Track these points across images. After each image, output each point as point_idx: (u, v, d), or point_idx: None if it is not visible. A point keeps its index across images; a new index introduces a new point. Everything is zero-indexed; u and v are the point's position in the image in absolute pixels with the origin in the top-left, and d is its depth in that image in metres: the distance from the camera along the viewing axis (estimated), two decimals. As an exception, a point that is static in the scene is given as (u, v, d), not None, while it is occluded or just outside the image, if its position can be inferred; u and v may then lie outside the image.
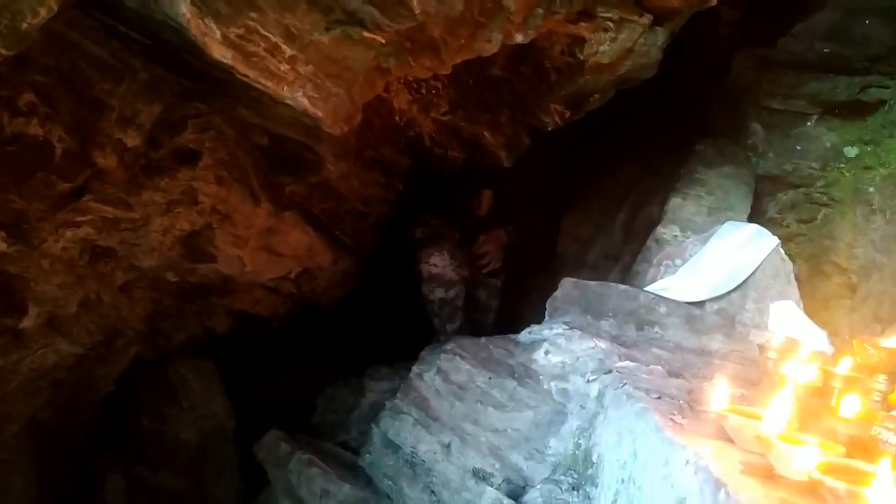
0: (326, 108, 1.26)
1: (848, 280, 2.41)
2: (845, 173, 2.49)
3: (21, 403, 1.82)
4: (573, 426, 1.45)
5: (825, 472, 0.76)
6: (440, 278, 2.47)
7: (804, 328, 2.26)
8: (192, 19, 1.00)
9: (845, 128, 2.45)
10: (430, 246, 2.51)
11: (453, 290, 2.49)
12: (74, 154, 1.53)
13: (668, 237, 2.77)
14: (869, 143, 2.38)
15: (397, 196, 2.54)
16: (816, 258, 2.62)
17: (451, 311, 2.51)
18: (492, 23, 1.36)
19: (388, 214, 2.59)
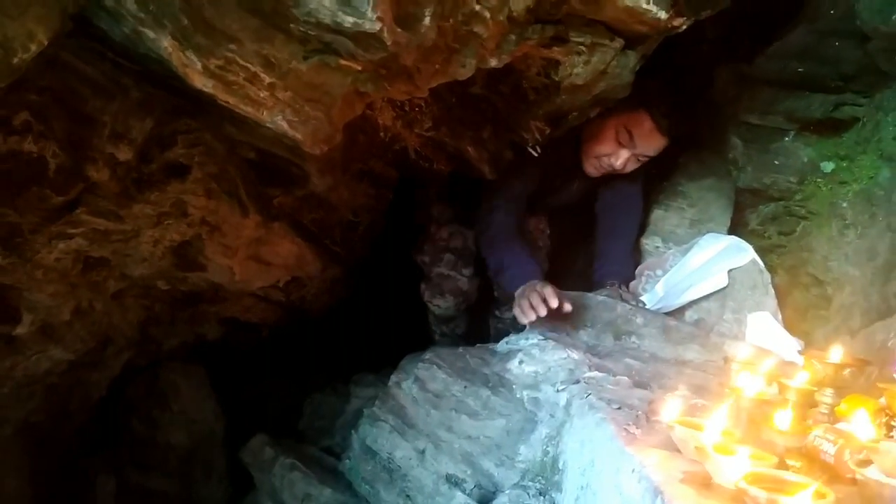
0: (306, 131, 1.32)
1: (824, 291, 2.47)
2: (822, 187, 2.55)
3: (15, 407, 1.88)
4: (542, 434, 1.51)
5: (751, 481, 0.82)
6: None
7: (779, 338, 2.33)
8: (174, 52, 1.06)
9: (821, 143, 2.51)
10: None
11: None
12: (68, 169, 1.58)
13: (651, 248, 2.84)
14: (844, 159, 2.43)
15: (386, 205, 2.61)
16: (796, 269, 2.68)
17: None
18: (465, 49, 1.42)
19: (377, 222, 2.65)
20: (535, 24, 1.52)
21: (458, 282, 2.58)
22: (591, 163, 2.52)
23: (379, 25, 1.11)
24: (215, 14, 1.04)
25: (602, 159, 2.47)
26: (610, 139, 2.41)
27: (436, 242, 2.64)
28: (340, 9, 1.09)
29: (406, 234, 2.75)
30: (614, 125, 2.39)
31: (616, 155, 2.43)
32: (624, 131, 2.38)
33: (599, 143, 2.44)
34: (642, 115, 2.35)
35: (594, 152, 2.47)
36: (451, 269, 2.59)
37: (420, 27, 1.26)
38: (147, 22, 1.02)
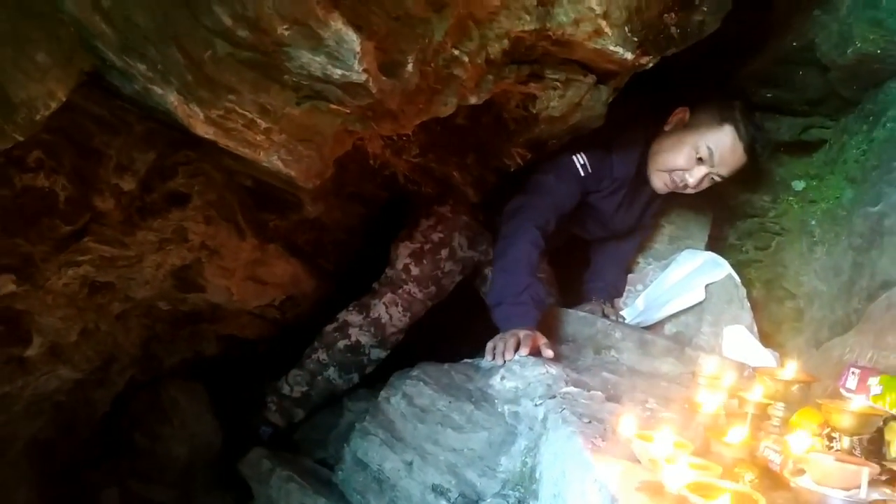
0: (299, 168, 1.43)
1: (797, 305, 2.58)
2: (794, 205, 2.67)
3: (25, 424, 1.97)
4: (521, 446, 1.61)
5: (692, 489, 0.93)
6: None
7: (754, 351, 2.44)
8: (179, 106, 1.16)
9: (793, 163, 2.64)
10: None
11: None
12: (76, 200, 1.68)
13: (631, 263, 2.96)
14: (814, 178, 2.55)
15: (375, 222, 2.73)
16: (771, 283, 2.80)
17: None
18: (447, 89, 1.53)
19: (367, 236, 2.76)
20: (512, 64, 1.63)
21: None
22: (661, 177, 2.45)
23: (365, 77, 1.23)
24: (216, 70, 1.15)
25: (675, 174, 2.40)
26: (688, 154, 2.35)
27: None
28: (329, 62, 1.21)
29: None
30: (694, 140, 2.35)
31: (692, 172, 2.37)
32: (705, 147, 2.32)
33: (676, 157, 2.37)
34: (727, 131, 2.31)
35: (668, 165, 2.40)
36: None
37: (404, 73, 1.37)
38: (155, 80, 1.12)
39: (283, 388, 2.45)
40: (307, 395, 2.43)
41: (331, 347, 2.43)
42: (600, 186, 2.43)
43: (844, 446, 1.16)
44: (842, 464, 1.00)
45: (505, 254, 2.16)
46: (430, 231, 2.49)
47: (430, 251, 2.46)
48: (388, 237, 2.68)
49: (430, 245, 2.47)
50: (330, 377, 2.42)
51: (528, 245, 2.14)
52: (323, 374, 2.42)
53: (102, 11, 1.01)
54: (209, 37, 1.12)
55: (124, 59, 1.08)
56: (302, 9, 1.12)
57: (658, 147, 2.43)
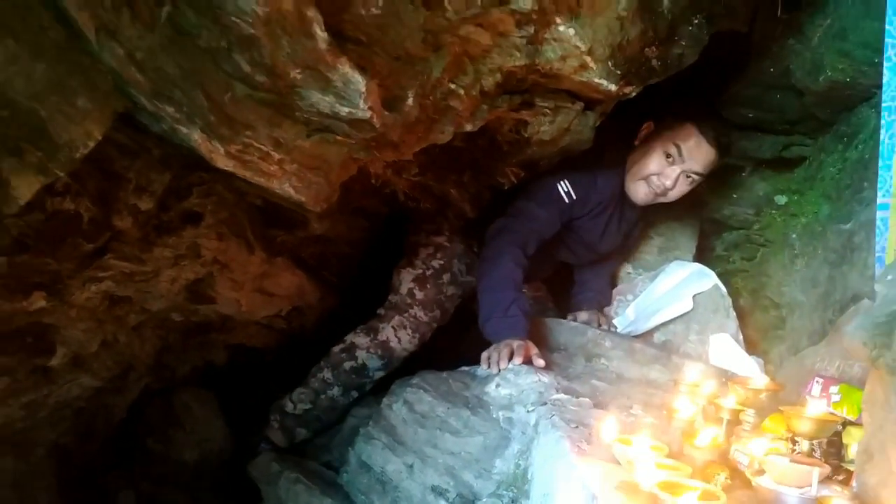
0: (309, 194, 1.55)
1: (780, 314, 2.70)
2: (776, 218, 2.80)
3: (48, 430, 2.09)
4: (515, 449, 1.73)
5: (662, 487, 1.05)
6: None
7: (738, 358, 2.56)
8: (203, 143, 1.29)
9: (775, 178, 2.76)
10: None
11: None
12: (98, 220, 1.79)
13: (622, 273, 3.08)
14: (795, 193, 2.67)
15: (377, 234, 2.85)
16: (756, 293, 2.92)
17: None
18: (444, 119, 1.65)
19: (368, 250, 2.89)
20: (504, 94, 1.76)
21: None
22: (640, 186, 2.50)
23: (370, 114, 1.35)
24: (235, 109, 1.28)
25: (651, 180, 2.46)
26: (658, 157, 2.43)
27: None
28: (337, 101, 1.33)
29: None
30: (661, 143, 2.43)
31: (665, 174, 2.44)
32: (672, 146, 2.40)
33: (648, 163, 2.44)
34: (688, 128, 2.39)
35: (643, 173, 2.46)
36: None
37: (404, 107, 1.50)
38: (182, 121, 1.25)
39: (287, 405, 2.53)
40: (309, 412, 2.50)
41: (337, 367, 2.50)
42: (585, 210, 2.51)
43: (804, 449, 1.28)
44: (795, 464, 1.12)
45: (489, 274, 2.24)
46: (430, 258, 2.59)
47: (433, 276, 2.56)
48: (389, 248, 2.80)
49: (431, 271, 2.57)
50: (333, 395, 2.50)
51: (510, 263, 2.23)
52: (327, 392, 2.50)
53: (136, 62, 1.13)
54: (229, 81, 1.24)
55: (154, 103, 1.20)
56: (313, 55, 1.24)
57: (632, 161, 2.52)
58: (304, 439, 2.51)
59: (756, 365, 2.47)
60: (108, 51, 1.08)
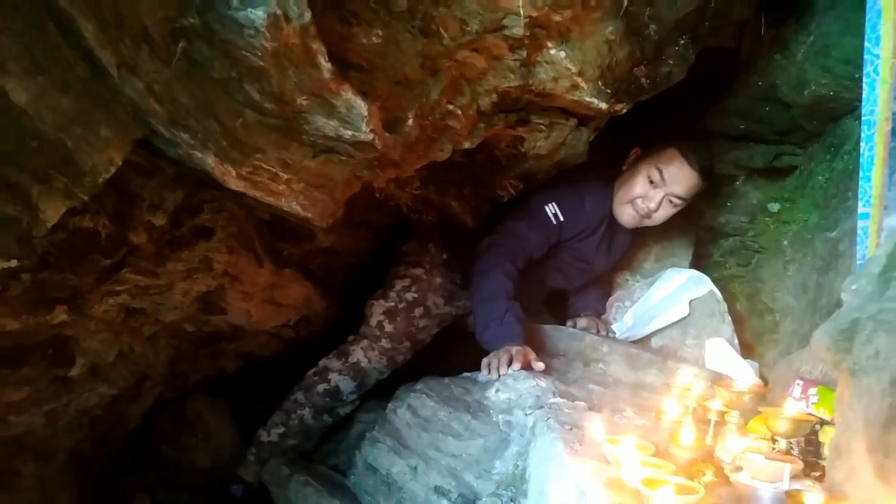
0: (315, 210, 1.64)
1: (774, 318, 2.77)
2: (770, 226, 2.87)
3: (67, 436, 2.18)
4: (513, 451, 1.81)
5: (645, 483, 1.13)
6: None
7: (733, 362, 2.62)
8: (216, 166, 1.37)
9: (768, 187, 2.83)
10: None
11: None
12: (115, 237, 1.87)
13: (620, 280, 3.16)
14: (787, 201, 2.75)
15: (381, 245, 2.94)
16: (752, 297, 2.99)
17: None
18: (443, 137, 1.74)
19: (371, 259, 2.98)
20: (501, 113, 1.85)
21: None
22: (626, 209, 2.57)
23: (372, 136, 1.44)
24: (246, 135, 1.37)
25: (637, 203, 2.52)
26: (642, 181, 2.49)
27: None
28: (341, 125, 1.42)
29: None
30: (645, 167, 2.49)
31: (648, 197, 2.50)
32: (654, 170, 2.46)
33: (632, 187, 2.51)
34: (671, 152, 2.46)
35: (628, 196, 2.53)
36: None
37: (405, 128, 1.58)
38: (196, 146, 1.34)
39: (262, 435, 2.57)
40: (284, 436, 2.54)
41: (309, 390, 2.56)
42: (575, 232, 2.58)
43: (782, 447, 1.36)
44: (769, 461, 1.20)
45: (482, 286, 2.31)
46: (405, 291, 2.66)
47: (404, 310, 2.63)
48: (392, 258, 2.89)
49: (404, 304, 2.64)
50: (304, 416, 2.54)
51: (501, 276, 2.30)
52: (297, 412, 2.55)
53: (154, 94, 1.22)
54: (240, 108, 1.33)
55: (171, 131, 1.29)
56: (318, 83, 1.33)
57: (619, 184, 2.58)
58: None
59: (751, 368, 2.54)
60: (129, 85, 1.17)
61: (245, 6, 1.13)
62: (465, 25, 1.48)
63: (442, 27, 1.45)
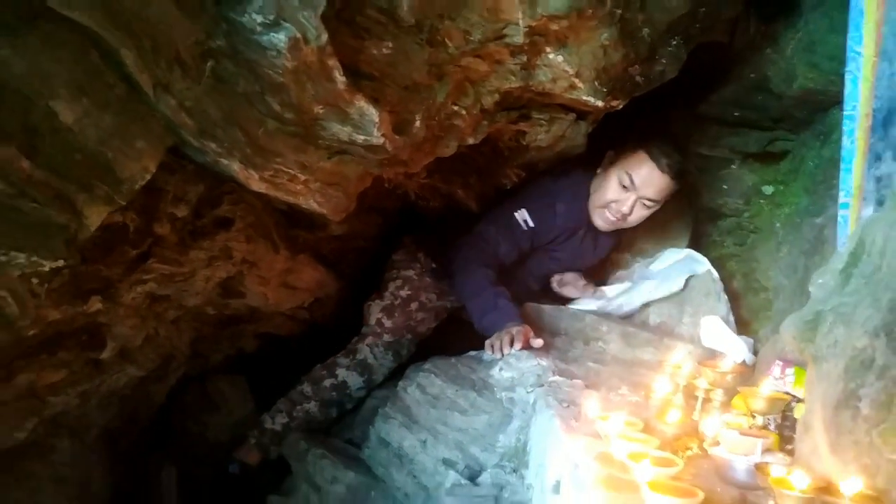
0: (330, 206, 1.76)
1: (768, 296, 2.88)
2: (764, 207, 2.97)
3: (98, 416, 2.31)
4: (516, 426, 1.95)
5: (630, 457, 1.27)
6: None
7: (728, 338, 2.74)
8: (241, 171, 1.50)
9: (763, 170, 2.93)
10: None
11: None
12: (141, 229, 1.99)
13: (619, 260, 3.27)
14: (780, 184, 2.85)
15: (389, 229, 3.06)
16: (748, 276, 3.09)
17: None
18: (448, 135, 1.85)
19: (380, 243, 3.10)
20: (503, 111, 1.96)
21: None
22: (601, 214, 2.62)
23: (383, 140, 1.56)
24: (268, 141, 1.49)
25: (609, 208, 2.57)
26: (614, 185, 2.52)
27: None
28: (354, 131, 1.54)
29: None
30: (616, 171, 2.52)
31: (621, 201, 2.53)
32: (625, 175, 2.49)
33: (605, 191, 2.54)
34: (641, 156, 2.49)
35: (602, 201, 2.57)
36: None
37: (412, 129, 1.70)
38: (223, 154, 1.46)
39: (266, 421, 2.62)
40: (287, 426, 2.59)
41: (317, 383, 2.64)
42: (550, 237, 2.66)
43: (758, 424, 1.49)
44: (743, 436, 1.33)
45: (466, 284, 2.45)
46: (398, 290, 2.77)
47: (400, 305, 2.75)
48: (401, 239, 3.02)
49: (399, 300, 2.75)
50: (309, 410, 2.60)
51: (480, 269, 2.43)
52: (303, 405, 2.61)
53: (186, 109, 1.34)
54: (262, 118, 1.46)
55: (200, 141, 1.42)
56: (333, 94, 1.45)
57: (594, 188, 2.63)
58: (278, 456, 2.59)
59: (745, 345, 2.64)
60: (163, 102, 1.29)
61: (268, 31, 1.25)
62: (469, 35, 1.59)
63: (447, 38, 1.56)
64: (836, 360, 1.09)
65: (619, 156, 2.56)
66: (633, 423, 1.47)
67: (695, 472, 1.33)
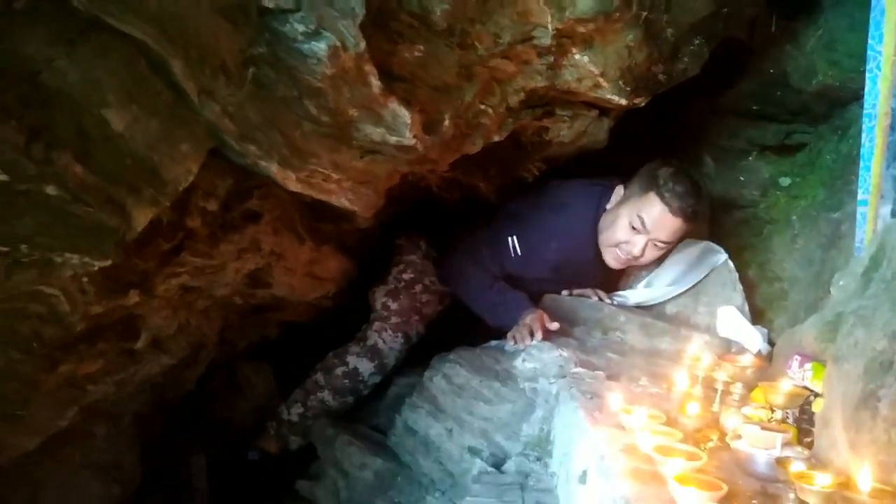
0: (360, 203, 1.82)
1: (783, 287, 2.92)
2: (781, 199, 3.00)
3: (132, 401, 2.39)
4: (539, 415, 2.01)
5: (656, 450, 1.32)
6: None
7: (743, 328, 2.78)
8: (279, 172, 1.55)
9: (780, 162, 2.96)
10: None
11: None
12: (174, 222, 2.06)
13: (637, 251, 3.31)
14: (797, 176, 2.88)
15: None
16: (763, 266, 3.13)
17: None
18: (475, 133, 1.90)
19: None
20: (528, 108, 2.01)
21: None
22: (611, 252, 2.57)
23: (414, 141, 1.61)
24: (305, 143, 1.54)
25: (620, 248, 2.52)
26: (624, 226, 2.45)
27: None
28: (387, 132, 1.59)
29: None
30: (627, 212, 2.45)
31: (632, 242, 2.47)
32: (636, 217, 2.41)
33: (615, 231, 2.49)
34: (652, 198, 2.39)
35: (612, 241, 2.52)
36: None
37: (441, 128, 1.75)
38: (262, 157, 1.51)
39: (283, 412, 2.70)
40: (303, 416, 2.66)
41: (329, 372, 2.70)
42: (544, 267, 2.64)
43: (777, 418, 1.54)
44: (764, 431, 1.38)
45: (467, 286, 2.57)
46: (401, 273, 2.83)
47: (405, 288, 2.81)
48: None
49: (403, 284, 2.81)
50: (324, 399, 2.66)
51: (479, 270, 2.53)
52: (317, 394, 2.67)
53: (228, 114, 1.39)
54: (299, 121, 1.51)
55: (241, 144, 1.47)
56: (368, 98, 1.50)
57: (603, 225, 2.57)
58: (299, 447, 2.67)
59: (760, 335, 2.69)
60: (207, 108, 1.35)
61: (309, 39, 1.30)
62: (498, 38, 1.63)
63: (477, 40, 1.61)
64: (856, 361, 1.14)
65: (630, 194, 2.50)
66: (657, 417, 1.53)
67: (717, 465, 1.38)
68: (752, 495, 1.26)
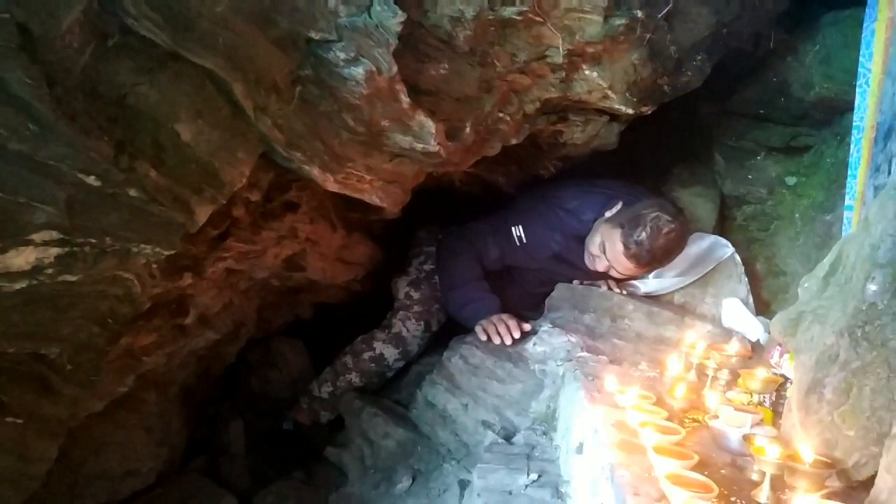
0: (389, 200, 2.03)
1: (786, 280, 3.09)
2: (787, 197, 3.14)
3: (179, 372, 2.63)
4: (547, 394, 2.22)
5: (642, 425, 1.53)
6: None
7: (746, 319, 2.95)
8: (319, 175, 1.76)
9: (786, 161, 3.10)
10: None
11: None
12: (221, 211, 2.27)
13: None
14: (803, 175, 3.03)
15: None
16: (769, 260, 3.28)
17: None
18: (494, 138, 2.10)
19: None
20: (543, 115, 2.20)
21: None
22: (587, 256, 2.70)
23: (438, 148, 1.82)
24: (342, 150, 1.75)
25: (589, 257, 2.68)
26: (598, 243, 2.59)
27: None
28: (414, 140, 1.80)
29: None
30: (601, 233, 2.58)
31: (597, 259, 2.62)
32: (603, 243, 2.56)
33: (591, 244, 2.63)
34: (617, 234, 2.50)
35: (588, 247, 2.67)
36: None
37: (463, 135, 1.95)
38: (306, 162, 1.73)
39: (314, 389, 2.93)
40: (333, 395, 2.88)
41: (357, 356, 2.89)
42: (529, 258, 2.79)
43: (755, 401, 1.74)
44: (737, 412, 1.58)
45: (449, 272, 2.72)
46: (422, 264, 3.01)
47: (425, 278, 2.99)
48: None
49: (423, 274, 2.99)
50: (351, 380, 2.87)
51: (468, 261, 2.67)
52: (346, 376, 2.88)
53: (278, 126, 1.61)
54: (338, 131, 1.72)
55: (288, 151, 1.69)
56: (398, 111, 1.71)
57: (591, 230, 2.68)
58: (328, 420, 2.91)
59: (761, 326, 2.86)
60: (261, 122, 1.56)
61: (349, 65, 1.51)
62: (515, 57, 1.83)
63: (496, 59, 1.80)
64: (811, 353, 1.34)
65: (614, 217, 2.59)
66: (647, 396, 1.73)
67: (696, 440, 1.59)
68: (722, 465, 1.47)
